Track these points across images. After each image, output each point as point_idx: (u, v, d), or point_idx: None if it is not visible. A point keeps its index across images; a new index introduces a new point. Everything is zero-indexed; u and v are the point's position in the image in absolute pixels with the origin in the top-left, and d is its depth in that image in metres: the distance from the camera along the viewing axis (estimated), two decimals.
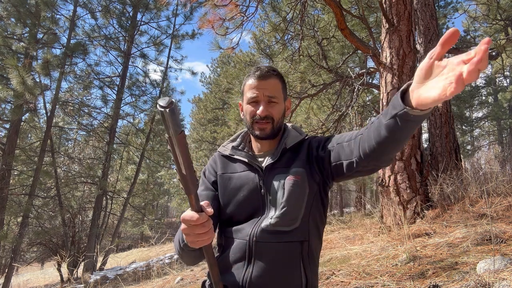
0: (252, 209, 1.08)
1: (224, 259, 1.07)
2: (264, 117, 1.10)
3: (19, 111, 8.97)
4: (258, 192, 1.09)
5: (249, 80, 1.15)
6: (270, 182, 1.08)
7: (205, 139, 22.86)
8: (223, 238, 1.12)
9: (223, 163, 1.19)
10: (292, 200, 1.04)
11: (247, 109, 1.14)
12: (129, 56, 11.86)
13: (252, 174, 1.12)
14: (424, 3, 5.97)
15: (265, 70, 1.13)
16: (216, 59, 25.86)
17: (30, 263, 11.01)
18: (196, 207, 0.81)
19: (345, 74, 7.20)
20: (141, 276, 6.72)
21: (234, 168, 1.16)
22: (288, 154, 1.13)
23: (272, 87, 1.13)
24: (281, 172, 1.09)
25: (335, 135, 1.10)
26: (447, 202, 3.91)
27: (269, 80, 1.12)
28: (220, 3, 4.98)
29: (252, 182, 1.10)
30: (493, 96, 22.21)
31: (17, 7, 8.93)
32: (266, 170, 1.11)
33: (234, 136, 1.27)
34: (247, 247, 1.03)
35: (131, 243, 23.38)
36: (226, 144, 1.24)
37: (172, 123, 0.68)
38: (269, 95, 1.11)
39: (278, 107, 1.14)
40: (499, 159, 6.22)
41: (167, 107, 0.66)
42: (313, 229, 1.07)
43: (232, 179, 1.14)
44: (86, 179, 11.12)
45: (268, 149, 1.18)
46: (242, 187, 1.11)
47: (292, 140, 1.15)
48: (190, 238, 0.84)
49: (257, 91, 1.11)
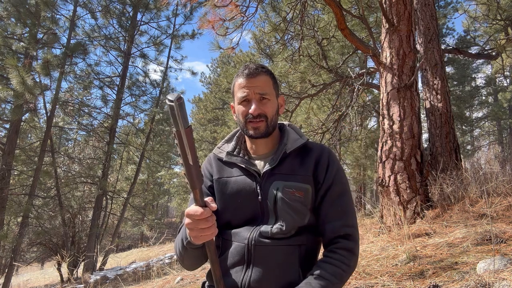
0: (250, 214, 1.06)
1: (222, 262, 1.05)
2: (257, 116, 1.06)
3: (19, 111, 8.97)
4: (255, 198, 1.06)
5: (238, 79, 1.10)
6: (268, 188, 1.05)
7: (205, 139, 22.88)
8: (221, 240, 1.10)
9: (218, 166, 1.15)
10: (294, 215, 1.02)
11: (239, 110, 1.10)
12: (129, 56, 11.86)
13: (249, 180, 1.08)
14: (424, 3, 5.97)
15: (254, 67, 1.09)
16: (216, 59, 25.90)
17: (30, 263, 11.00)
18: (201, 202, 0.83)
19: (345, 74, 7.20)
20: (141, 276, 6.72)
21: (230, 172, 1.13)
22: (288, 160, 1.09)
23: (262, 84, 1.08)
24: (280, 179, 1.05)
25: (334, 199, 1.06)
26: (447, 202, 3.91)
27: (259, 77, 1.08)
28: (220, 3, 4.98)
29: (249, 188, 1.07)
30: (493, 96, 22.20)
31: (17, 7, 8.93)
32: (264, 176, 1.07)
33: (229, 136, 1.23)
34: (245, 251, 1.01)
35: (131, 243, 23.39)
36: (221, 145, 1.20)
37: (181, 116, 0.72)
38: (260, 92, 1.07)
39: (271, 104, 1.09)
40: (499, 159, 6.21)
41: (177, 101, 0.71)
42: (311, 233, 1.07)
43: (228, 183, 1.10)
44: (86, 179, 11.12)
45: (265, 150, 1.14)
46: (239, 192, 1.08)
47: (293, 144, 1.11)
48: (193, 233, 0.84)
49: (247, 90, 1.07)
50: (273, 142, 1.15)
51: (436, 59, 5.64)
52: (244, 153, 1.16)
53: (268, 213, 1.04)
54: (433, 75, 5.56)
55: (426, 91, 5.65)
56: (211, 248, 0.89)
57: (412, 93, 4.14)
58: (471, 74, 21.38)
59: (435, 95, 5.46)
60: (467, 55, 8.24)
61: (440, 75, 5.54)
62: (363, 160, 11.18)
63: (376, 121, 13.31)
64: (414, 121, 4.07)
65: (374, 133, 10.98)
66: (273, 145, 1.15)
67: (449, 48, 8.69)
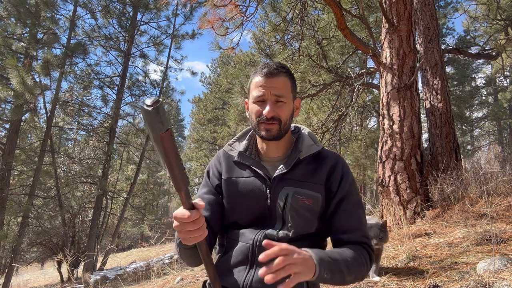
0: (257, 216, 1.05)
1: (226, 261, 1.05)
2: (270, 118, 1.03)
3: (19, 111, 8.97)
4: (264, 201, 1.05)
5: (256, 77, 1.07)
6: (278, 192, 1.04)
7: (205, 139, 22.87)
8: (226, 239, 1.10)
9: (228, 165, 1.13)
10: (302, 223, 1.02)
11: (253, 109, 1.07)
12: (129, 56, 11.86)
13: (258, 182, 1.07)
14: (424, 3, 5.96)
15: (273, 67, 1.05)
16: (216, 59, 25.90)
17: (30, 263, 11.00)
18: (188, 205, 0.80)
19: (345, 74, 7.19)
20: (141, 276, 6.71)
21: (241, 172, 1.10)
22: (301, 166, 1.07)
23: (280, 85, 1.04)
24: (291, 184, 1.04)
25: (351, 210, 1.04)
26: (447, 202, 3.91)
27: (277, 78, 1.04)
28: (220, 3, 4.97)
29: (258, 190, 1.05)
30: (493, 96, 22.21)
31: (17, 7, 8.93)
32: (275, 180, 1.05)
33: (240, 135, 1.20)
34: (250, 251, 1.01)
35: (131, 243, 23.37)
36: (232, 143, 1.17)
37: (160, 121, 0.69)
38: (277, 94, 1.03)
39: (286, 107, 1.05)
40: (499, 159, 6.21)
41: (151, 106, 0.67)
42: (317, 238, 1.07)
43: (238, 184, 1.08)
44: (86, 179, 11.12)
45: (276, 153, 1.12)
46: (248, 194, 1.06)
47: (307, 151, 1.08)
48: (182, 235, 0.83)
49: (264, 90, 1.03)
50: (285, 145, 1.12)
51: (436, 59, 5.64)
52: (255, 154, 1.14)
53: (275, 217, 1.04)
54: (433, 75, 5.56)
55: (426, 91, 5.65)
56: (202, 250, 0.87)
57: (412, 93, 4.14)
58: (471, 74, 21.40)
59: (435, 95, 5.46)
60: (467, 55, 8.24)
61: (440, 75, 5.54)
62: (363, 160, 11.19)
63: (376, 121, 13.31)
64: (414, 121, 4.07)
65: (374, 133, 10.98)
66: (285, 148, 1.12)
67: (449, 48, 8.69)
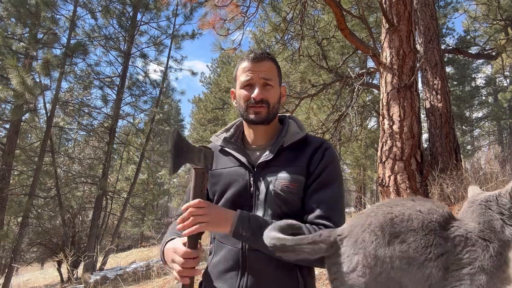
0: (241, 208, 1.02)
1: (215, 266, 1.04)
2: (259, 101, 1.04)
3: (19, 111, 8.97)
4: (247, 190, 1.03)
5: (243, 63, 1.08)
6: (261, 180, 1.02)
7: (205, 139, 22.86)
8: (214, 242, 1.08)
9: (214, 156, 1.14)
10: (283, 206, 0.99)
11: (241, 94, 1.07)
12: (129, 56, 11.86)
13: (242, 170, 1.06)
14: (424, 3, 5.97)
15: (259, 52, 1.07)
16: (216, 59, 25.91)
17: (30, 263, 10.99)
18: (193, 244, 0.94)
19: (345, 74, 7.19)
20: (141, 276, 6.71)
21: (225, 162, 1.10)
22: (285, 152, 1.06)
23: (267, 69, 1.06)
24: (275, 171, 1.02)
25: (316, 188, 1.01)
26: (447, 202, 3.91)
27: (264, 62, 1.06)
28: (220, 4, 4.98)
29: (242, 179, 1.04)
30: (493, 96, 22.20)
31: (17, 7, 8.92)
32: (259, 168, 1.04)
33: (228, 126, 1.20)
34: (240, 256, 0.99)
35: (131, 243, 23.35)
36: (219, 133, 1.18)
37: (210, 162, 0.96)
38: (265, 77, 1.05)
39: (274, 91, 1.07)
40: (499, 159, 6.21)
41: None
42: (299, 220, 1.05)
43: (221, 175, 1.08)
44: (86, 179, 11.12)
45: (262, 141, 1.11)
46: (232, 184, 1.05)
47: (291, 138, 1.07)
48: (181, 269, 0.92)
49: (252, 74, 1.05)
50: (272, 132, 1.12)
51: (436, 59, 5.64)
52: (241, 142, 1.14)
53: (257, 206, 1.02)
54: (433, 75, 5.56)
55: (426, 91, 5.65)
56: None
57: (412, 93, 4.14)
58: (471, 74, 21.38)
59: (435, 95, 5.46)
60: (467, 55, 8.24)
61: (440, 75, 5.55)
62: (363, 160, 11.19)
63: (376, 121, 13.31)
64: (414, 121, 4.08)
65: (374, 133, 10.98)
66: (272, 135, 1.12)
67: (449, 48, 8.69)
